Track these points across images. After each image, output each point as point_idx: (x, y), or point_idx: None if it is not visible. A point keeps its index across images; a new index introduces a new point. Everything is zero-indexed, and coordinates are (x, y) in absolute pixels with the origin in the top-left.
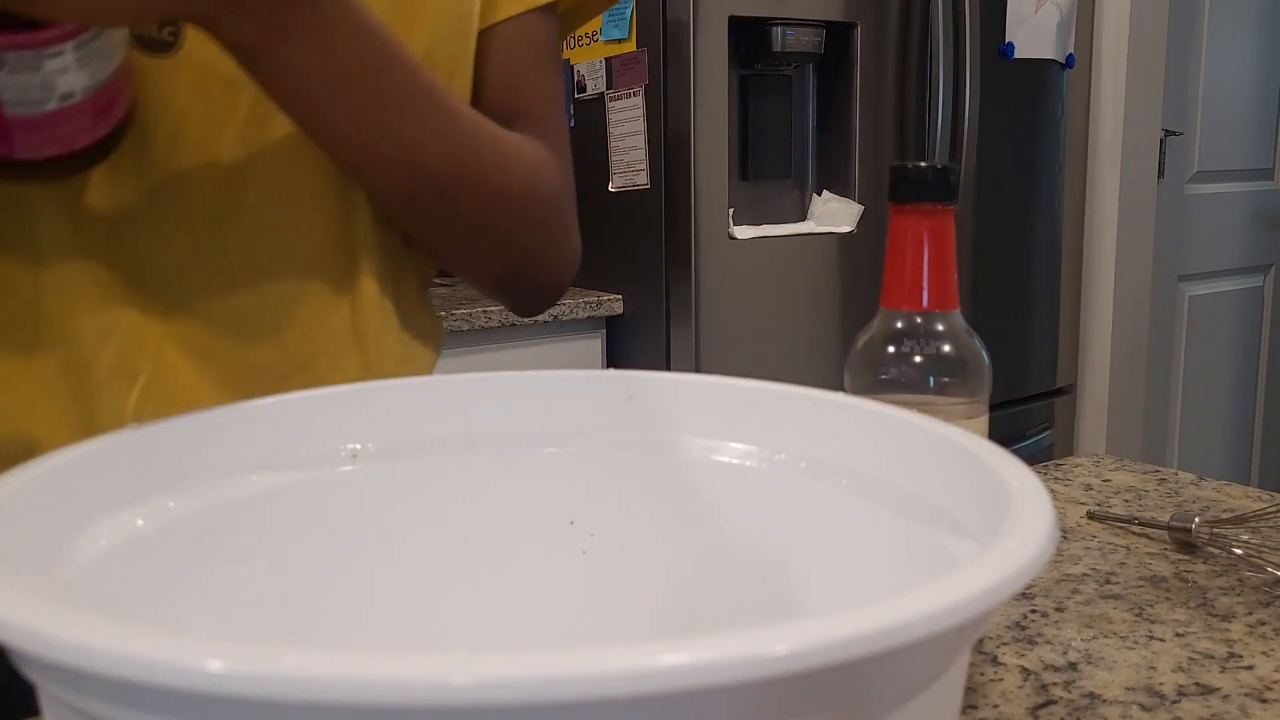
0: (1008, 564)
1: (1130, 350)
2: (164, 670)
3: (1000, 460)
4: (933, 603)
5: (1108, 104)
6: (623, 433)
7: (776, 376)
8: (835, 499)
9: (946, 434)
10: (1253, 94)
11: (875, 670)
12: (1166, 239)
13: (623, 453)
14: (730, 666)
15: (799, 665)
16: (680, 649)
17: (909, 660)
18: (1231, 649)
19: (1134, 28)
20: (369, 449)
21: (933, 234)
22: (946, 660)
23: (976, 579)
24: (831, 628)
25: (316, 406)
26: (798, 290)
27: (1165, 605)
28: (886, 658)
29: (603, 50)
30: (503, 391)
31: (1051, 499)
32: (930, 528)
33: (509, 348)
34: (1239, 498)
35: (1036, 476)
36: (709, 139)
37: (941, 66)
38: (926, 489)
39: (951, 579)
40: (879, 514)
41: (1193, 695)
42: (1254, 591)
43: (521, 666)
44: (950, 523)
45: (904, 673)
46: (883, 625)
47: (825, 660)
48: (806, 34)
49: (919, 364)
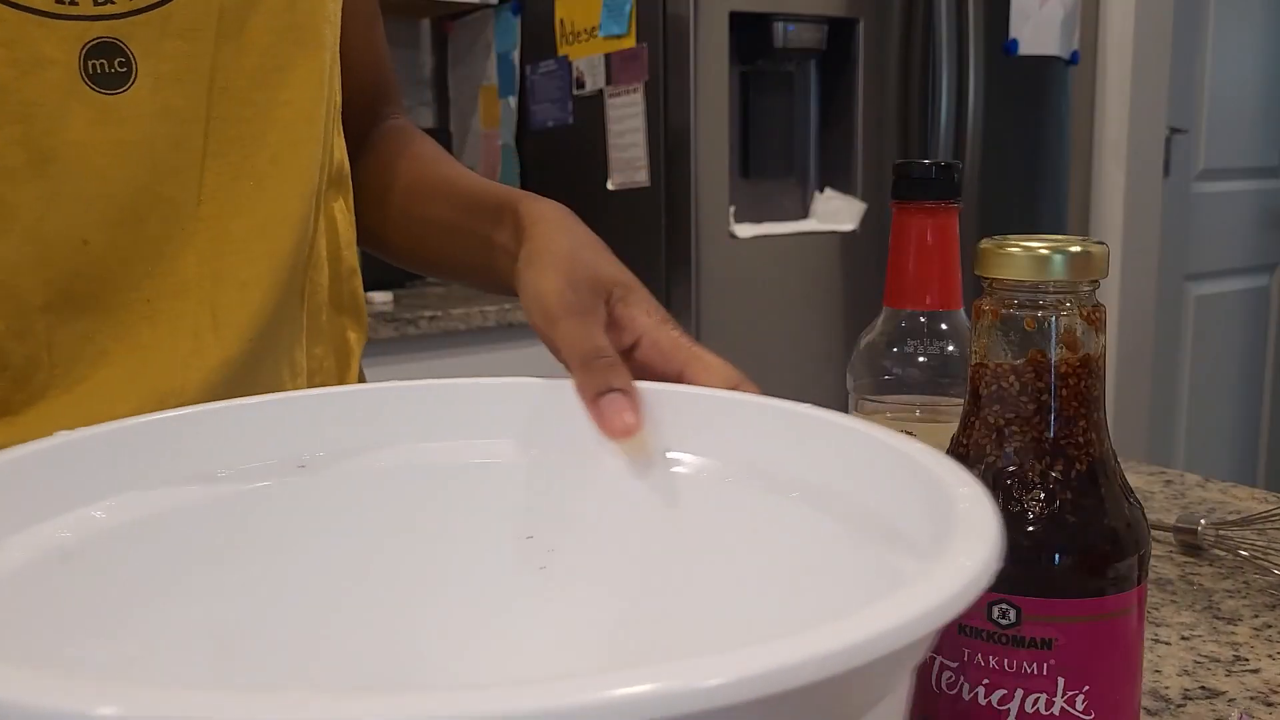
0: (940, 592)
1: (1136, 350)
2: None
3: (955, 478)
4: (846, 636)
5: (1113, 101)
6: (582, 443)
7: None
8: (789, 512)
9: (904, 448)
10: (1259, 90)
11: (811, 698)
12: (1172, 237)
13: (582, 464)
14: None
15: (731, 697)
16: (596, 685)
17: (840, 690)
18: (1237, 652)
19: (1139, 24)
20: (318, 457)
21: (936, 232)
22: (883, 688)
23: (906, 606)
24: (756, 658)
25: (263, 413)
26: (799, 289)
27: (1171, 608)
28: (814, 690)
29: (602, 46)
30: (458, 399)
31: (999, 521)
32: (880, 545)
33: (507, 348)
34: (1245, 499)
35: (987, 496)
36: (709, 136)
37: (945, 63)
38: (879, 504)
39: (876, 608)
40: (832, 529)
41: (1198, 699)
42: (1260, 594)
43: (423, 706)
44: (901, 539)
45: (838, 701)
46: (810, 655)
47: (756, 692)
48: (808, 30)
49: (923, 364)
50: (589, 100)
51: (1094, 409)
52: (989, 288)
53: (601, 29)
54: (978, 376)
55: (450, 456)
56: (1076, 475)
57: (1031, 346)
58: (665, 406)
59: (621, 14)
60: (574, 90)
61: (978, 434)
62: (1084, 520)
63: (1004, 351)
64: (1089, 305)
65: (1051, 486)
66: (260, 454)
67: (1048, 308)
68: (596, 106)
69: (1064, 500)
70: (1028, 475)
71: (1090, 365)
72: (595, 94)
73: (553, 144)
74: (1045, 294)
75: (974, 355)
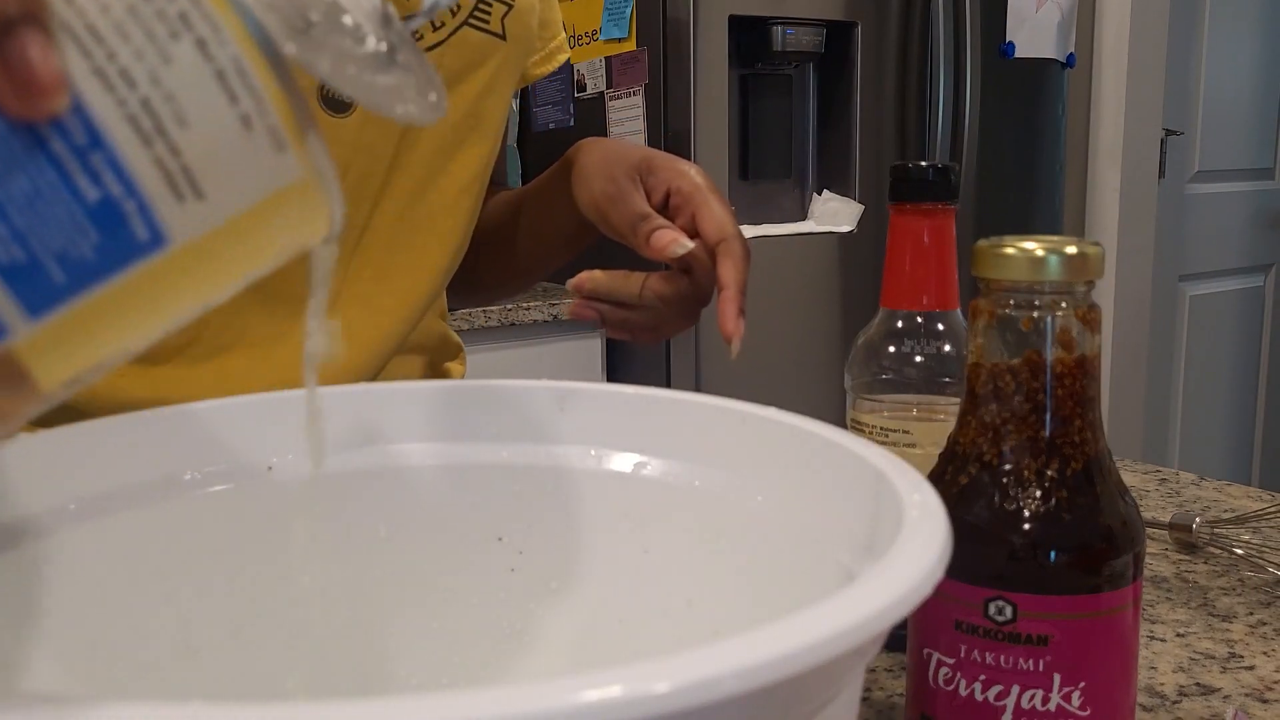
0: (886, 594)
1: (1131, 349)
2: None
3: (906, 482)
4: (788, 641)
5: (1108, 103)
6: (552, 446)
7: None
8: (751, 515)
9: (861, 452)
10: (1254, 93)
11: (758, 703)
12: (1167, 238)
13: (553, 467)
14: (611, 708)
15: (681, 703)
16: (550, 692)
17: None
18: (1232, 649)
19: (1135, 27)
20: (286, 460)
21: (933, 233)
22: (835, 686)
23: (850, 608)
24: (698, 664)
25: (232, 414)
26: (798, 290)
27: (1166, 605)
28: (763, 694)
29: (602, 49)
30: (427, 400)
31: (946, 522)
32: (836, 546)
33: (508, 347)
34: (1240, 498)
35: (939, 499)
36: (709, 138)
37: (942, 66)
38: (835, 506)
39: (819, 608)
40: (793, 532)
41: (1193, 695)
42: (1255, 591)
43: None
44: (856, 543)
45: (790, 700)
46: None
47: (705, 698)
48: (807, 33)
49: (919, 363)
50: (590, 102)
51: (1089, 408)
52: (985, 288)
53: (602, 32)
54: (974, 376)
55: (420, 459)
56: (1072, 474)
57: (1027, 346)
58: (638, 410)
59: (622, 17)
60: (575, 93)
61: (974, 433)
62: (1079, 518)
63: (1000, 351)
64: (1084, 305)
65: (1047, 485)
66: (228, 456)
67: (1043, 308)
68: (597, 109)
69: (1060, 498)
70: (1024, 474)
71: (1086, 365)
72: (596, 96)
73: (554, 146)
74: (1041, 294)
75: (970, 355)
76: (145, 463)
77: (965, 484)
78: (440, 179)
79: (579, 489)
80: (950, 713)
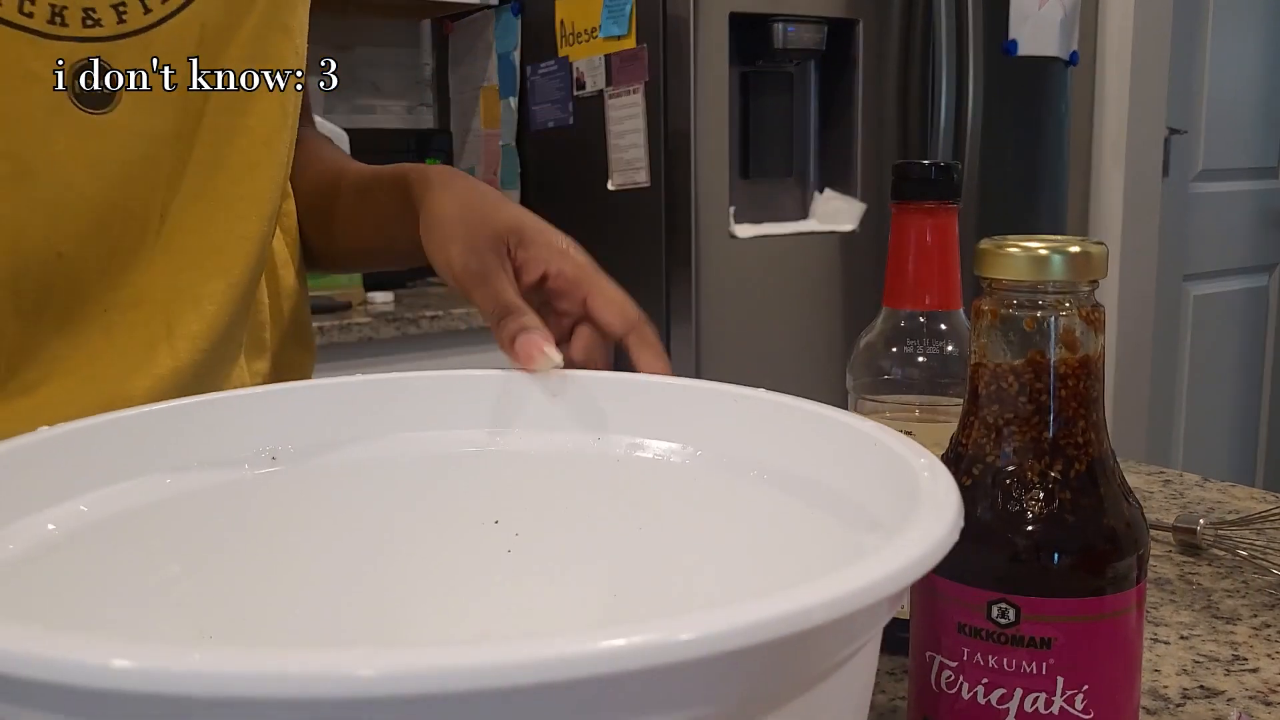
0: (899, 558)
1: (1134, 350)
2: (69, 669)
3: (914, 454)
4: (805, 599)
5: (1112, 102)
6: (546, 431)
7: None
8: (752, 493)
9: (862, 427)
10: (1258, 91)
11: (778, 653)
12: (1171, 238)
13: (546, 451)
14: (638, 653)
15: (702, 651)
16: (580, 639)
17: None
18: (1236, 652)
19: (1138, 24)
20: (288, 450)
21: (936, 232)
22: (849, 646)
23: (870, 570)
24: (727, 616)
25: (234, 407)
26: (799, 289)
27: (1170, 608)
28: (781, 644)
29: (602, 47)
30: (423, 390)
31: (958, 495)
32: (845, 522)
33: None
34: (1244, 499)
35: (948, 471)
36: (709, 137)
37: (944, 64)
38: (841, 482)
39: (841, 573)
40: (797, 508)
41: (1197, 698)
42: (1259, 594)
43: (426, 659)
44: (866, 517)
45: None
46: (776, 614)
47: (725, 646)
48: (808, 30)
49: (922, 364)
50: (589, 101)
51: (1093, 409)
52: (988, 288)
53: (602, 30)
54: (977, 376)
55: (419, 447)
56: (1075, 475)
57: (1031, 347)
58: (630, 393)
59: (622, 15)
60: (574, 91)
61: (977, 434)
62: (1083, 520)
63: (1003, 352)
64: (1088, 305)
65: (1050, 486)
66: (233, 447)
67: (1047, 308)
68: (597, 107)
69: (1063, 500)
70: (1027, 475)
71: (1089, 365)
72: (595, 95)
73: (553, 144)
74: (1044, 294)
75: (973, 355)
76: (154, 455)
77: (968, 485)
78: (237, 139)
79: (574, 472)
80: (952, 716)
